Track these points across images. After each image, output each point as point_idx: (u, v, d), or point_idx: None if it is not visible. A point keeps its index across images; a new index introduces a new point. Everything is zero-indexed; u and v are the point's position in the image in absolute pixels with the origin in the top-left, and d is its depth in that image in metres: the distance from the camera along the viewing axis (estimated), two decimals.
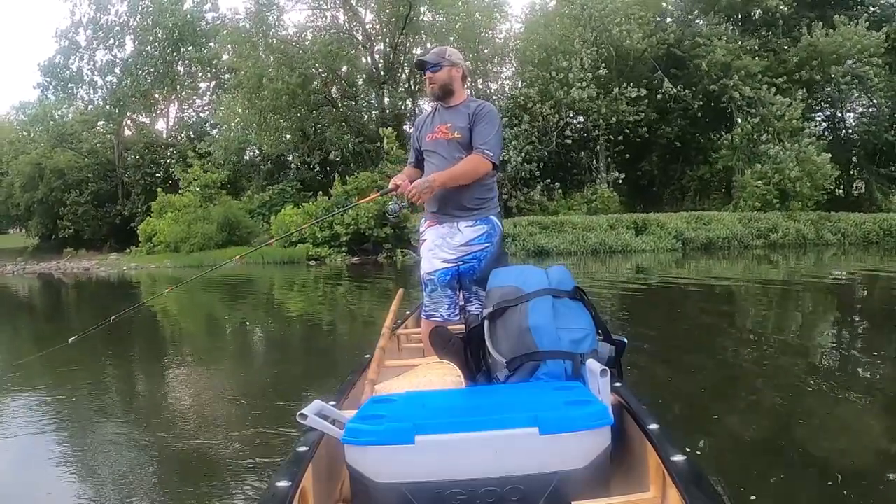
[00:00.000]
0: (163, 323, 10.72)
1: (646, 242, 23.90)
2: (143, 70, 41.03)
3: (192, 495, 3.13)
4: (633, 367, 4.52)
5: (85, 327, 4.40)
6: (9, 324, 11.86)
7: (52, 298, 18.37)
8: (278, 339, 8.54)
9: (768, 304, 10.31)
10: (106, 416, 4.71)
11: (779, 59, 27.00)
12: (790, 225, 24.55)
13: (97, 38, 40.78)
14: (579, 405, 1.70)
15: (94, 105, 42.03)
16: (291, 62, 30.80)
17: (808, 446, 3.44)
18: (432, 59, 3.15)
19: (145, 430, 4.24)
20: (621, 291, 12.17)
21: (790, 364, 5.45)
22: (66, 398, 5.18)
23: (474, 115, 3.05)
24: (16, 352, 8.09)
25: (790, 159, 24.57)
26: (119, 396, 5.46)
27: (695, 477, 1.49)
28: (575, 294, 2.32)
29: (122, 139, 41.81)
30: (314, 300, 13.96)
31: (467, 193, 3.07)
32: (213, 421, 4.42)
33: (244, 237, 31.43)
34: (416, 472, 1.58)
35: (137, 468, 3.52)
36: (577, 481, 1.60)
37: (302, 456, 1.68)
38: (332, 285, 17.22)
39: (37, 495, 3.21)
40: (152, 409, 4.88)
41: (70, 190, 39.39)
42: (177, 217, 32.39)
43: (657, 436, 1.71)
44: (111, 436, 4.09)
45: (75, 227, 39.43)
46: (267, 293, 16.17)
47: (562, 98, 27.80)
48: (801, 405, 4.17)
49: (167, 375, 6.31)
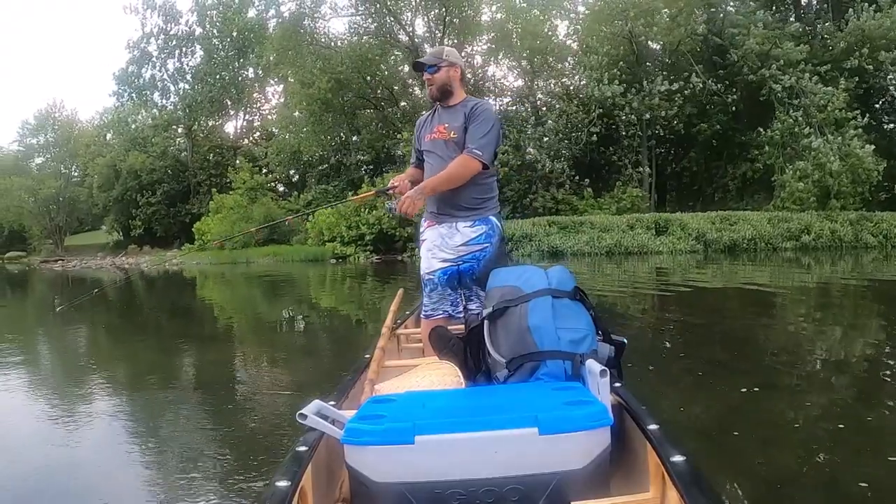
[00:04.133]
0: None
1: (663, 244, 22.74)
2: (211, 77, 43.22)
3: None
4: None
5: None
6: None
7: (68, 286, 19.70)
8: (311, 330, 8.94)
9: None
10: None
11: (824, 45, 24.89)
12: (825, 225, 22.60)
13: (167, 48, 43.26)
14: (579, 405, 1.70)
15: (166, 110, 44.56)
16: (329, 68, 31.44)
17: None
18: (429, 60, 3.16)
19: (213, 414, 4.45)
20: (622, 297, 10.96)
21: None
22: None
23: (469, 115, 3.05)
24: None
25: (832, 153, 22.62)
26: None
27: (695, 477, 1.48)
28: (575, 294, 2.31)
29: (194, 142, 44.21)
30: (342, 295, 14.35)
31: (464, 194, 3.07)
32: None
33: (284, 236, 32.59)
34: (416, 472, 1.58)
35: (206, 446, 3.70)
36: (577, 481, 1.60)
37: (301, 456, 1.68)
38: (354, 281, 17.69)
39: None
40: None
41: (144, 190, 42.15)
42: (224, 217, 34.05)
43: (657, 436, 1.70)
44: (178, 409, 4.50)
45: (148, 224, 42.14)
46: (299, 287, 16.91)
47: (591, 94, 26.93)
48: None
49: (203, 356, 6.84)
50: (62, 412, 4.45)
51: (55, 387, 5.41)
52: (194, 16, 43.43)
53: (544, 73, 32.48)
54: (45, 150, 51.95)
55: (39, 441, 3.77)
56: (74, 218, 52.15)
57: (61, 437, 3.84)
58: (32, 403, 4.77)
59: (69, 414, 4.40)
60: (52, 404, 4.69)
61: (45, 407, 4.60)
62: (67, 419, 4.24)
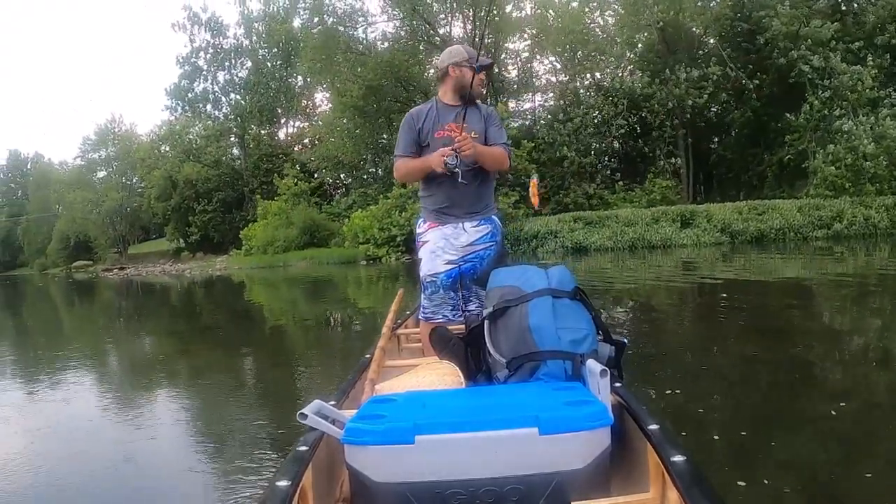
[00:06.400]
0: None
1: (687, 236, 22.20)
2: (261, 87, 44.66)
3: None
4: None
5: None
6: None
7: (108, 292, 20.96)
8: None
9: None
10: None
11: (856, 20, 23.64)
12: (858, 212, 21.47)
13: (216, 61, 44.92)
14: (579, 405, 1.71)
15: (218, 122, 46.28)
16: (361, 75, 31.95)
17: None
18: (487, 62, 3.22)
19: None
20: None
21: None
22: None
23: (487, 117, 3.17)
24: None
25: (865, 135, 21.54)
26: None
27: (695, 477, 1.48)
28: (575, 294, 2.31)
29: (246, 150, 45.77)
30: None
31: (474, 194, 3.13)
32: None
33: (323, 239, 33.47)
34: (416, 472, 1.59)
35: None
36: (577, 481, 1.61)
37: (302, 455, 1.68)
38: (387, 282, 18.16)
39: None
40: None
41: (199, 198, 43.99)
42: (268, 223, 35.23)
43: (657, 436, 1.70)
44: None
45: (205, 231, 43.92)
46: (346, 288, 17.81)
47: (620, 86, 26.56)
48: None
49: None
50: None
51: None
52: (241, 28, 45.02)
53: (585, 66, 32.12)
54: (106, 163, 54.79)
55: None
56: (137, 227, 54.95)
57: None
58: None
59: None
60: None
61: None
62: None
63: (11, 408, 4.98)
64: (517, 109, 36.01)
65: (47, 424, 4.43)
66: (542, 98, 36.23)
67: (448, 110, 3.13)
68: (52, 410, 4.85)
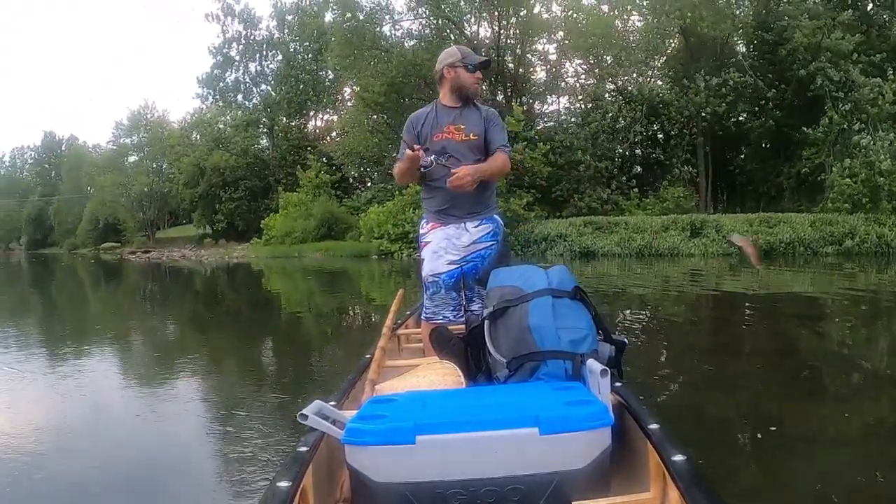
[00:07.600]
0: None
1: (696, 246, 22.04)
2: (292, 78, 45.26)
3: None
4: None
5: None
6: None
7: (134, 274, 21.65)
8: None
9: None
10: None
11: (881, 33, 23.17)
12: (871, 229, 21.04)
13: (248, 53, 45.65)
14: (579, 405, 1.71)
15: (248, 112, 47.01)
16: (384, 72, 32.20)
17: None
18: (483, 59, 3.23)
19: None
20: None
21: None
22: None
23: (487, 118, 3.16)
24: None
25: (882, 150, 21.15)
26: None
27: (695, 477, 1.49)
28: (575, 294, 2.32)
29: (275, 141, 46.42)
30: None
31: (475, 195, 3.09)
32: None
33: (340, 232, 33.90)
34: (417, 472, 1.59)
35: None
36: (578, 481, 1.61)
37: (302, 456, 1.69)
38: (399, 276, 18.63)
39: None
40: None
41: (227, 186, 44.81)
42: (288, 214, 35.79)
43: (657, 436, 1.72)
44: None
45: (231, 219, 44.71)
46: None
47: (638, 93, 26.44)
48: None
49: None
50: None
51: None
52: (273, 21, 45.69)
53: (610, 71, 31.92)
54: (138, 148, 56.05)
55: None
56: (166, 212, 56.08)
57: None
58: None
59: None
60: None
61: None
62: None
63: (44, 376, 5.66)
64: (541, 111, 36.04)
65: (80, 393, 5.06)
66: (569, 100, 36.19)
67: (447, 112, 3.16)
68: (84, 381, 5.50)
